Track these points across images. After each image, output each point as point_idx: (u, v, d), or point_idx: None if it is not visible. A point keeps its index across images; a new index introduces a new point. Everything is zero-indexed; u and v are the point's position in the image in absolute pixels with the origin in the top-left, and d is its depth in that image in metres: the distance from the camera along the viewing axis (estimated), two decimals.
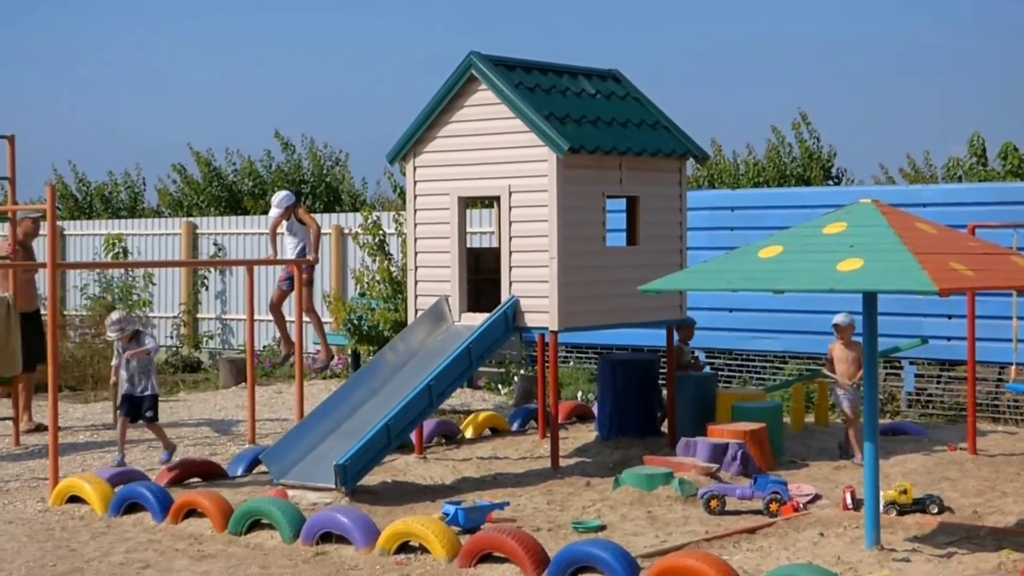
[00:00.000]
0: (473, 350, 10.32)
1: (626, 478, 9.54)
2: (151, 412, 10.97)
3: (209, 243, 21.11)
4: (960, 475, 9.95)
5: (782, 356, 14.88)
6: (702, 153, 11.67)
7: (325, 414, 10.09)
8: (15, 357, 11.98)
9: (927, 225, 7.79)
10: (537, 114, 10.32)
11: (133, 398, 10.92)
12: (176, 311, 21.10)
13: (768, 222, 13.60)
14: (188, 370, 19.48)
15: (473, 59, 10.61)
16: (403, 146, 11.08)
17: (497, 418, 12.79)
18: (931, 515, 8.52)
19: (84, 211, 28.80)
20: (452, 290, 10.91)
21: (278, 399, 15.40)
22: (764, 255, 7.62)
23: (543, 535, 8.11)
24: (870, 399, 7.75)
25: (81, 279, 21.71)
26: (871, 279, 7.10)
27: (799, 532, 8.17)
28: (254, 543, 8.37)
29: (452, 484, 10.05)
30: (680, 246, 11.51)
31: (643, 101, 11.57)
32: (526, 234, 10.54)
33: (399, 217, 16.14)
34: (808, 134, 23.25)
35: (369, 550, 7.97)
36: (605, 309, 10.86)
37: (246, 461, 10.54)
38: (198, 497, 8.92)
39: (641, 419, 11.83)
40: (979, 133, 21.56)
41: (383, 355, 10.74)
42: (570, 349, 16.60)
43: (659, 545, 7.87)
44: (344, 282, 19.14)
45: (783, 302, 13.38)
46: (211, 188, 27.21)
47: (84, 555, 8.20)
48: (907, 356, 13.70)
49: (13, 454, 11.97)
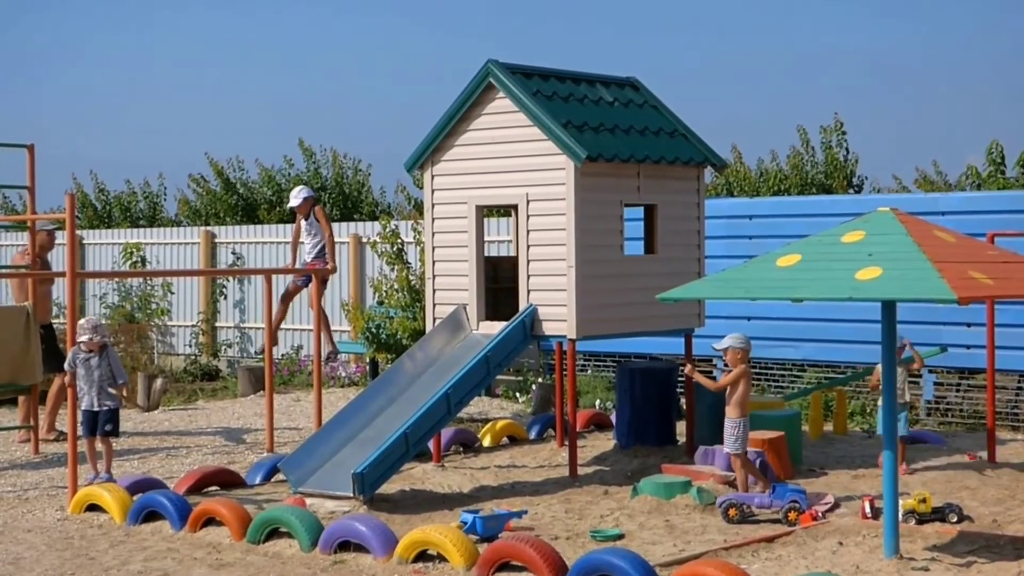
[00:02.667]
0: (491, 358, 10.31)
1: (644, 487, 9.52)
2: (110, 426, 10.28)
3: (227, 252, 21.17)
4: (980, 484, 9.91)
5: (801, 364, 14.86)
6: (720, 161, 11.66)
7: (343, 422, 10.10)
8: (35, 366, 12.06)
9: (946, 233, 7.77)
10: (555, 122, 10.32)
11: (92, 413, 10.22)
12: (195, 320, 21.15)
13: (786, 230, 13.60)
14: (206, 379, 19.53)
15: (491, 67, 10.62)
16: (421, 155, 11.09)
17: (515, 426, 12.78)
18: (950, 524, 8.48)
19: (103, 220, 28.91)
20: (470, 299, 10.91)
21: (296, 407, 15.42)
22: (782, 264, 7.61)
23: (561, 544, 8.10)
24: (888, 408, 7.72)
25: (100, 288, 21.80)
26: (890, 288, 7.08)
27: (818, 541, 8.14)
28: (272, 552, 8.37)
29: (470, 492, 10.04)
30: (698, 254, 11.49)
31: (661, 109, 11.57)
32: (544, 242, 10.54)
33: (417, 226, 16.17)
34: (837, 142, 23.19)
35: (387, 559, 7.97)
36: (623, 317, 10.85)
37: (264, 469, 10.55)
38: (216, 505, 8.93)
39: (659, 427, 11.81)
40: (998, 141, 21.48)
41: (401, 363, 10.74)
42: (588, 357, 16.60)
43: (677, 554, 7.85)
44: (362, 290, 19.17)
45: (801, 311, 13.34)
46: (228, 197, 27.30)
47: (103, 564, 8.22)
48: (926, 364, 13.65)
49: (33, 462, 12.01)
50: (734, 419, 9.48)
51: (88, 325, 10.20)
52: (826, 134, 23.39)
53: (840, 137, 23.28)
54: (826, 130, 23.40)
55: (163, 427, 14.15)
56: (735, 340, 9.56)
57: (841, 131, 23.28)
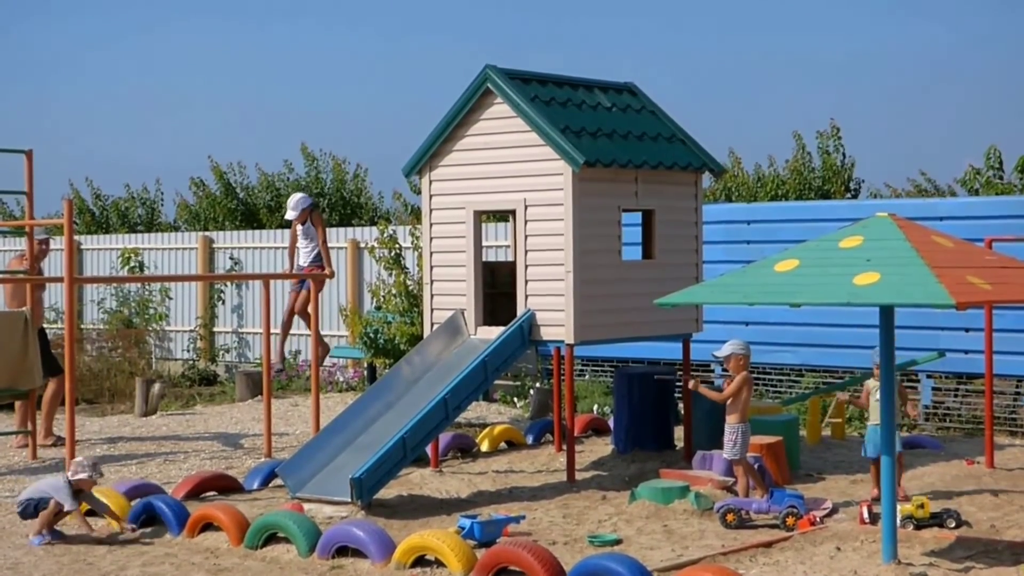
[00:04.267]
0: (489, 363, 10.31)
1: (642, 492, 9.52)
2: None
3: (225, 257, 21.16)
4: (978, 489, 9.91)
5: (798, 369, 14.87)
6: (718, 166, 11.67)
7: (341, 427, 10.10)
8: (33, 371, 12.07)
9: (944, 238, 7.77)
10: (553, 127, 10.32)
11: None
12: (193, 325, 21.14)
13: (784, 235, 13.60)
14: (204, 383, 19.52)
15: (489, 72, 10.63)
16: (419, 160, 11.10)
17: (513, 431, 12.78)
18: (948, 529, 8.48)
19: (101, 226, 28.91)
20: (468, 303, 10.91)
21: (294, 412, 15.41)
22: (780, 269, 7.61)
23: (559, 549, 8.10)
24: (887, 412, 7.72)
25: (98, 293, 21.79)
26: (888, 293, 7.08)
27: (816, 546, 8.14)
28: (270, 557, 8.37)
29: (468, 497, 10.04)
30: (696, 259, 11.50)
31: (659, 114, 11.57)
32: (542, 248, 10.54)
33: (415, 231, 16.17)
34: (833, 147, 23.21)
35: (385, 564, 7.97)
36: (621, 322, 10.85)
37: (262, 474, 10.54)
38: (214, 511, 8.92)
39: (657, 432, 11.81)
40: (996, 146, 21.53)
41: (399, 368, 10.74)
42: (586, 362, 16.59)
43: (675, 559, 7.85)
44: (360, 295, 19.17)
45: (799, 315, 13.36)
46: (227, 202, 27.30)
47: (101, 568, 8.21)
48: (924, 369, 13.67)
49: (31, 467, 12.00)
50: (734, 425, 9.48)
51: (88, 467, 9.04)
52: (823, 139, 23.41)
53: (837, 142, 23.31)
54: (823, 135, 23.43)
55: (161, 432, 14.14)
56: (737, 347, 9.56)
57: (838, 136, 23.32)
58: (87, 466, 9.02)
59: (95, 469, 9.05)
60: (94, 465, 9.07)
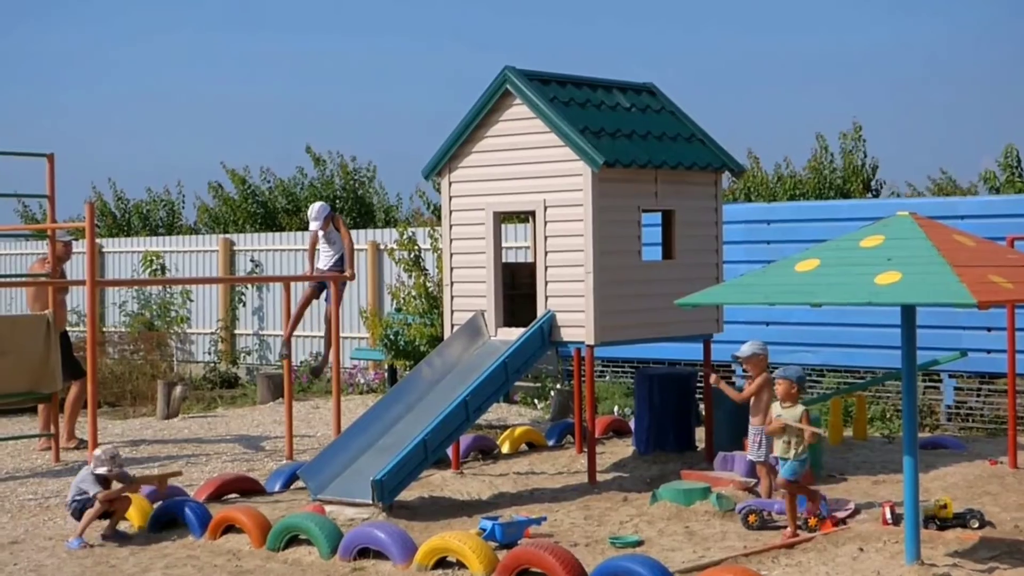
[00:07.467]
0: (509, 365, 10.31)
1: (663, 493, 9.51)
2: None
3: (246, 259, 21.22)
4: (1001, 489, 9.87)
5: (820, 369, 14.82)
6: (737, 166, 11.64)
7: (362, 429, 10.11)
8: (55, 374, 12.11)
9: (965, 237, 7.74)
10: (572, 128, 10.32)
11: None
12: (214, 327, 21.21)
13: (805, 235, 13.56)
14: (226, 386, 19.58)
15: (508, 74, 10.63)
16: (438, 161, 11.11)
17: (534, 433, 12.77)
18: (972, 530, 8.44)
19: (122, 228, 29.02)
20: (488, 305, 10.91)
21: (315, 414, 15.43)
22: (801, 268, 7.59)
23: (580, 550, 8.09)
24: (909, 411, 7.70)
25: (120, 296, 21.88)
26: (909, 292, 7.05)
27: (838, 547, 8.11)
28: (292, 559, 8.38)
29: (489, 499, 10.04)
30: (716, 260, 11.47)
31: (678, 114, 11.56)
32: (561, 248, 10.53)
33: (434, 232, 16.18)
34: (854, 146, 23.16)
35: (407, 565, 7.97)
36: (641, 323, 10.84)
37: (284, 477, 10.56)
38: (236, 513, 8.94)
39: (678, 433, 11.79)
40: (1013, 145, 21.46)
41: (419, 370, 10.75)
42: (606, 363, 16.58)
43: (697, 560, 7.84)
44: (380, 297, 19.20)
45: (820, 315, 13.33)
46: (247, 205, 27.38)
47: (123, 571, 8.24)
48: (946, 369, 13.61)
49: (54, 470, 12.05)
50: (757, 427, 9.45)
51: (108, 459, 9.14)
52: (845, 140, 23.36)
53: (858, 143, 23.25)
54: (845, 136, 23.38)
55: (183, 435, 14.18)
56: (757, 347, 9.54)
57: (859, 136, 23.26)
58: (106, 460, 9.12)
59: (114, 462, 9.14)
60: (112, 458, 9.16)
